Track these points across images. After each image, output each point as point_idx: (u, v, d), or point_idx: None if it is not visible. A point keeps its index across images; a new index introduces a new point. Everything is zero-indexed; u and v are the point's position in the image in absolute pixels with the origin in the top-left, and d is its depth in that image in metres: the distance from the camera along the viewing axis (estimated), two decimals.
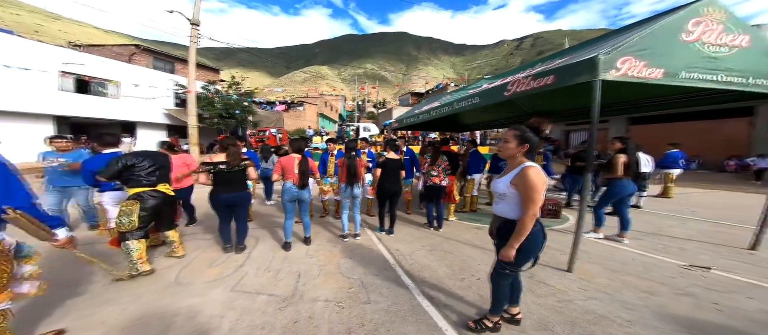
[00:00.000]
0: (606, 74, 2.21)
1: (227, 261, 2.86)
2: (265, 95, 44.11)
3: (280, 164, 3.10)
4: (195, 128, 9.23)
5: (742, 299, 2.07)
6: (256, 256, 3.01)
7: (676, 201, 5.99)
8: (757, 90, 2.61)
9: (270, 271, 2.65)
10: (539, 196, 1.42)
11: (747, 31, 2.52)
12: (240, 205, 3.01)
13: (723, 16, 2.46)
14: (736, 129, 10.80)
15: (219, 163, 2.83)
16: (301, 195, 3.10)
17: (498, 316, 1.71)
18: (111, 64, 13.77)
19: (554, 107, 5.25)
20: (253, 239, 3.47)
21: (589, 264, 2.68)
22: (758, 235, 3.06)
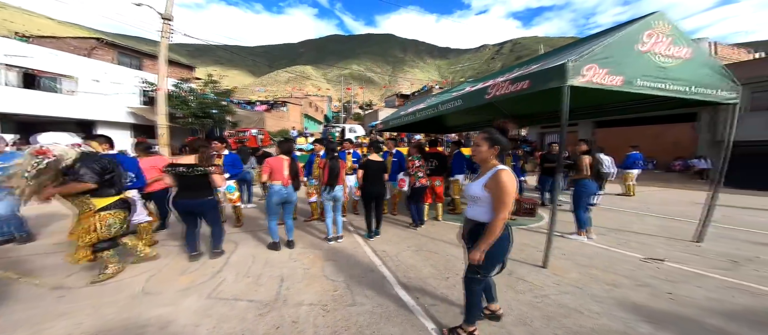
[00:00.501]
0: (573, 80, 2.38)
1: (202, 268, 2.71)
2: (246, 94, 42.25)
3: (268, 166, 3.02)
4: (165, 128, 8.61)
5: (691, 287, 2.29)
6: (235, 261, 2.88)
7: (637, 199, 6.56)
8: (697, 98, 2.95)
9: (250, 276, 2.55)
10: (511, 199, 1.43)
11: (689, 44, 2.83)
12: (204, 212, 2.82)
13: (670, 30, 2.74)
14: (682, 133, 12.12)
15: (178, 165, 2.65)
16: (290, 197, 3.06)
17: (473, 326, 1.66)
18: (66, 58, 12.51)
19: (531, 111, 5.56)
20: (232, 244, 3.33)
21: (562, 260, 2.85)
22: (702, 229, 3.43)
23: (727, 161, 3.32)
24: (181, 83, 14.02)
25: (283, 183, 2.98)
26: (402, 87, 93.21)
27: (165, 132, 8.59)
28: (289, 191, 3.05)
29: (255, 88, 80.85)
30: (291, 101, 30.18)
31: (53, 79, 12.13)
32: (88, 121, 12.99)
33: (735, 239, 3.61)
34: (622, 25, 2.94)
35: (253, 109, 26.33)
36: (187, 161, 2.70)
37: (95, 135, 2.95)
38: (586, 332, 1.72)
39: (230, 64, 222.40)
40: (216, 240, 2.96)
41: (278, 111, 27.65)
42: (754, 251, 3.17)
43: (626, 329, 1.74)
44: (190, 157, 2.74)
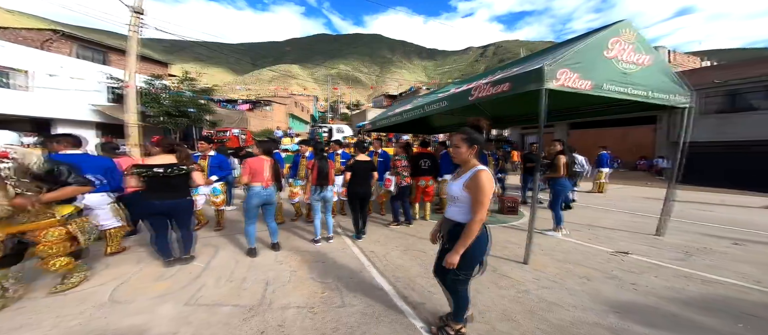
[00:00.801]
0: (549, 84, 2.50)
1: (179, 274, 2.58)
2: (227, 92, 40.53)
3: (248, 167, 2.92)
4: (136, 128, 8.00)
5: (652, 278, 2.50)
6: (217, 265, 2.77)
7: (606, 196, 7.05)
8: (656, 102, 3.19)
9: (233, 281, 2.46)
10: (488, 200, 1.43)
11: (649, 52, 3.06)
12: (179, 213, 2.70)
13: (634, 37, 2.94)
14: (644, 135, 13.21)
15: (154, 166, 2.52)
16: (270, 198, 2.98)
17: (461, 324, 1.69)
18: (15, 50, 11.26)
19: (512, 112, 5.79)
20: (212, 248, 3.20)
21: (542, 256, 2.99)
22: (661, 222, 3.76)
23: (682, 160, 3.66)
24: (152, 80, 13.12)
25: (264, 185, 2.90)
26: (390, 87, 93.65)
27: (135, 132, 7.98)
28: (270, 193, 2.97)
29: (236, 86, 77.54)
30: (276, 101, 29.26)
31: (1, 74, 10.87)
32: (44, 119, 11.80)
33: (689, 231, 3.97)
34: (592, 32, 3.09)
35: (234, 108, 25.25)
36: (164, 160, 2.57)
37: (57, 135, 2.72)
38: (564, 325, 1.83)
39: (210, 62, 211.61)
40: (186, 245, 2.82)
41: (262, 110, 26.72)
42: (704, 242, 3.51)
43: (598, 320, 1.87)
44: (166, 156, 2.61)
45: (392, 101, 36.99)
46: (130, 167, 2.53)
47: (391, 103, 32.41)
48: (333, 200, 3.48)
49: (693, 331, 1.74)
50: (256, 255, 2.96)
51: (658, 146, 12.56)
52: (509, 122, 6.72)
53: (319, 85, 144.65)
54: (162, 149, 2.66)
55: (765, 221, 4.63)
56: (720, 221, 4.61)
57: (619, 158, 13.55)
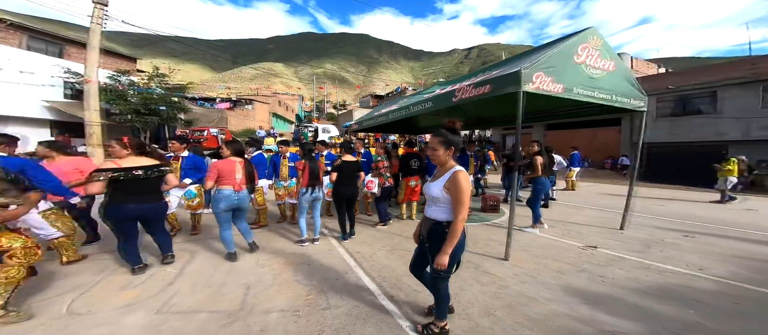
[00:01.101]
0: (526, 86, 2.62)
1: (149, 281, 2.43)
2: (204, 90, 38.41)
3: (215, 169, 2.75)
4: (98, 126, 7.34)
5: (617, 270, 2.70)
6: (192, 271, 2.64)
7: (577, 193, 7.53)
8: (619, 105, 3.45)
9: (211, 286, 2.36)
10: (468, 199, 1.48)
11: (614, 58, 3.30)
12: (154, 218, 2.61)
13: (600, 44, 3.15)
14: (610, 136, 14.25)
15: (132, 168, 2.36)
16: (241, 203, 2.83)
17: (444, 321, 1.72)
18: None
19: (494, 113, 6.02)
20: (188, 254, 3.04)
21: (521, 252, 3.14)
22: (624, 218, 4.08)
23: (640, 159, 4.00)
24: (117, 75, 12.08)
25: (235, 188, 2.73)
26: (377, 88, 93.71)
27: (97, 131, 7.30)
28: (241, 197, 2.80)
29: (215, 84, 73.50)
30: (258, 99, 28.17)
31: None
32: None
33: (647, 225, 4.33)
34: (564, 38, 3.28)
35: (212, 106, 23.95)
36: (140, 162, 2.43)
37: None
38: (540, 318, 1.92)
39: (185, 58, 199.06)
40: (166, 247, 2.72)
41: (243, 109, 25.59)
42: (660, 235, 3.85)
43: (570, 312, 1.99)
44: (140, 158, 2.46)
45: (379, 101, 36.99)
46: (100, 171, 2.30)
47: (377, 103, 32.42)
48: (321, 201, 3.44)
49: (651, 319, 1.90)
50: (236, 260, 2.85)
51: (622, 146, 13.68)
52: (491, 122, 6.97)
53: (305, 84, 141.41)
54: (133, 150, 2.49)
55: (709, 215, 5.16)
56: (673, 215, 5.09)
57: (589, 157, 14.59)
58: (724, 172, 6.35)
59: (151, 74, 13.11)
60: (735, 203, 6.41)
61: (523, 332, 1.76)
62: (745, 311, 1.99)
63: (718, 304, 2.08)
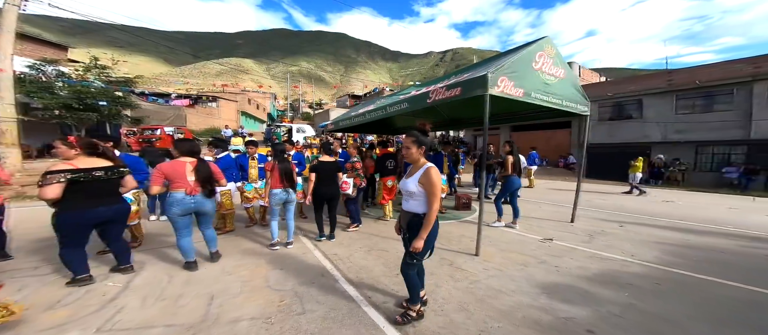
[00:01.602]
0: (492, 90, 2.79)
1: (85, 298, 2.14)
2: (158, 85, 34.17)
3: (160, 172, 2.46)
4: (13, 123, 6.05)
5: (568, 260, 3.00)
6: (141, 285, 2.37)
7: (536, 190, 8.27)
8: (568, 109, 3.84)
9: (165, 299, 2.15)
10: (440, 192, 1.68)
11: (564, 66, 3.64)
12: (117, 221, 2.46)
13: (554, 53, 3.46)
14: (563, 137, 15.88)
15: (92, 169, 2.18)
16: (199, 207, 2.56)
17: (418, 304, 1.88)
18: None
19: (466, 115, 6.31)
20: (136, 264, 2.71)
21: (490, 247, 3.33)
22: (573, 212, 4.56)
23: (584, 158, 4.54)
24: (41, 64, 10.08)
25: (187, 191, 2.48)
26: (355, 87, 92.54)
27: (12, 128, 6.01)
28: (198, 200, 2.54)
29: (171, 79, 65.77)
30: (224, 96, 25.82)
31: None
32: None
33: (592, 218, 4.91)
34: (524, 45, 3.54)
35: (167, 103, 21.35)
36: (97, 163, 2.23)
37: None
38: (507, 309, 2.07)
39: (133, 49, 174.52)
40: (123, 257, 2.49)
41: (206, 107, 23.24)
42: (601, 226, 4.38)
43: (532, 302, 2.17)
44: (92, 159, 2.25)
45: (357, 101, 36.54)
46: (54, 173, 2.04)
47: (355, 103, 32.00)
48: (294, 203, 3.31)
49: (596, 302, 2.16)
50: (195, 269, 2.61)
51: (572, 146, 15.48)
52: (464, 123, 7.30)
53: (278, 82, 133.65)
54: (83, 151, 2.26)
55: (637, 207, 6.00)
56: (611, 208, 5.84)
57: (546, 157, 16.23)
58: (633, 168, 7.61)
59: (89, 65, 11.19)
60: (650, 196, 7.58)
61: (492, 324, 1.87)
62: (665, 290, 2.35)
63: (645, 286, 2.42)
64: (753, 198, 7.40)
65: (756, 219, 4.97)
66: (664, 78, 12.71)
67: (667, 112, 12.49)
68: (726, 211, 5.70)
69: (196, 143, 2.75)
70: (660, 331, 1.81)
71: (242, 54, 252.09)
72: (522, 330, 1.81)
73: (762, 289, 2.37)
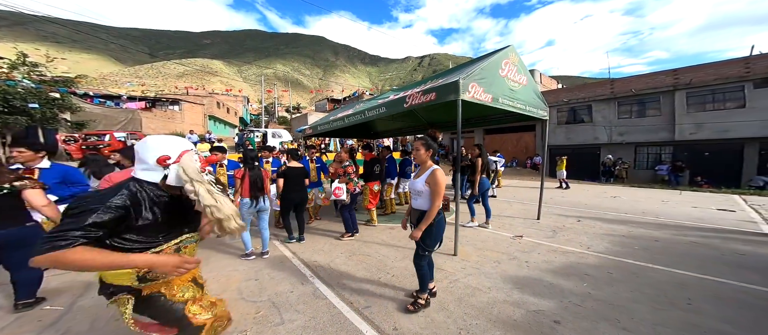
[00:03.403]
0: (464, 95, 2.92)
1: (17, 324, 1.92)
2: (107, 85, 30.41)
3: (108, 183, 2.20)
4: None
5: (536, 255, 3.23)
6: (90, 305, 2.13)
7: (506, 189, 8.81)
8: (531, 114, 4.11)
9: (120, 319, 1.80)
10: (443, 191, 1.91)
11: (526, 73, 3.91)
12: (9, 247, 1.95)
13: (517, 61, 3.71)
14: (529, 139, 17.15)
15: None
16: None
17: (426, 293, 2.10)
18: None
19: (443, 118, 6.53)
20: (80, 285, 2.44)
21: (467, 246, 3.47)
22: (539, 209, 4.93)
23: (547, 159, 4.97)
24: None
25: None
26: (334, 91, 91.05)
27: None
28: None
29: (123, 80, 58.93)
30: (188, 100, 23.71)
31: None
32: None
33: (554, 214, 5.34)
34: (492, 53, 3.74)
35: (118, 105, 19.05)
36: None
37: None
38: (483, 306, 2.17)
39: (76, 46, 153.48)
40: (27, 288, 2.06)
41: (166, 110, 21.12)
42: (562, 221, 4.78)
43: (506, 298, 2.31)
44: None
45: (336, 104, 35.93)
46: None
47: (334, 107, 31.48)
48: (268, 211, 3.17)
49: (560, 294, 2.36)
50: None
51: (537, 148, 16.91)
52: (442, 127, 7.58)
53: (251, 85, 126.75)
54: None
55: (590, 202, 6.66)
56: (569, 204, 6.40)
57: (516, 157, 17.49)
58: (559, 167, 9.22)
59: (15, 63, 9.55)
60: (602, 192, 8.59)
61: (470, 322, 1.95)
62: (616, 278, 2.64)
63: (600, 275, 2.69)
64: (680, 192, 8.66)
65: (683, 210, 5.77)
66: (607, 86, 14.38)
67: (611, 116, 14.18)
68: (659, 204, 6.55)
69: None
70: (612, 316, 2.03)
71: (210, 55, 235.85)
72: (497, 326, 1.91)
73: (687, 272, 2.76)
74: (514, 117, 4.94)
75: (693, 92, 11.90)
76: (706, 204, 6.42)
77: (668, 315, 2.05)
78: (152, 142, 1.11)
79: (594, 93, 14.75)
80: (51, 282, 2.44)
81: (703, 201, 6.84)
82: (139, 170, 1.10)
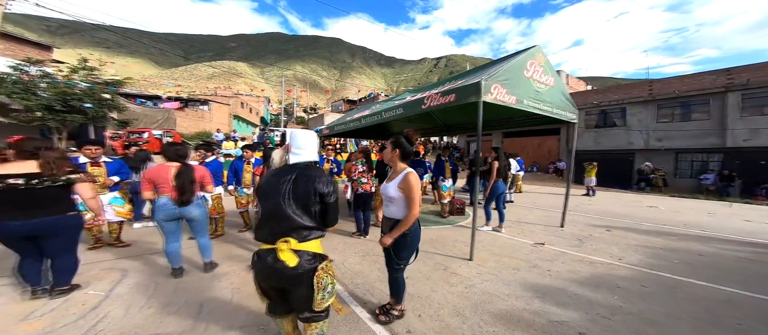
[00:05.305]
0: (486, 97, 2.83)
1: (63, 307, 2.05)
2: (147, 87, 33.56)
3: (148, 178, 2.40)
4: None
5: (559, 264, 3.06)
6: (125, 292, 2.29)
7: (527, 195, 8.45)
8: (558, 117, 3.91)
9: (152, 307, 2.07)
10: (418, 196, 1.67)
11: (553, 74, 3.72)
12: (51, 236, 2.08)
13: (544, 61, 3.54)
14: (553, 143, 16.28)
15: (5, 176, 1.89)
16: (183, 213, 2.45)
17: (401, 305, 1.95)
18: None
19: (460, 120, 6.42)
20: (118, 272, 2.64)
21: (483, 251, 3.36)
22: (563, 217, 4.67)
23: (573, 164, 4.68)
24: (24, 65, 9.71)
25: (172, 196, 2.41)
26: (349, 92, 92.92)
27: None
28: (182, 207, 2.43)
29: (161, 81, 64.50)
30: (216, 100, 25.42)
31: None
32: None
33: (580, 222, 5.03)
34: (516, 53, 3.60)
35: (156, 106, 20.88)
36: (23, 168, 1.94)
37: None
38: (501, 313, 2.09)
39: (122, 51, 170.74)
40: (63, 276, 2.17)
41: (197, 110, 22.81)
42: (590, 231, 4.49)
43: (526, 306, 2.20)
44: (28, 163, 1.97)
45: (352, 105, 36.55)
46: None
47: (349, 108, 32.04)
48: None
49: (587, 306, 2.21)
50: (181, 276, 2.53)
51: (561, 152, 15.95)
52: (457, 129, 7.44)
53: (272, 86, 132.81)
54: (18, 154, 2.01)
55: (623, 211, 6.21)
56: (598, 213, 6.01)
57: (537, 162, 16.63)
58: (588, 173, 8.78)
59: (76, 66, 10.83)
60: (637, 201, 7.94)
61: (487, 329, 1.89)
62: (650, 292, 2.43)
63: (632, 288, 2.49)
64: (730, 204, 7.78)
65: (733, 224, 5.20)
66: (645, 88, 13.29)
67: (648, 120, 13.05)
68: (705, 216, 5.95)
69: (182, 147, 2.61)
70: (646, 332, 1.86)
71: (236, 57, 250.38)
72: (516, 334, 1.83)
73: (736, 289, 2.48)
74: (536, 120, 4.72)
75: (749, 94, 10.67)
76: (761, 218, 5.77)
77: (713, 334, 1.85)
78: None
79: (629, 95, 13.70)
80: (92, 268, 2.68)
81: (758, 215, 6.13)
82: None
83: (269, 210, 1.29)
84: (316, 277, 1.25)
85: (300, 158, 1.38)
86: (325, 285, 1.28)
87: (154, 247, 3.31)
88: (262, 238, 1.30)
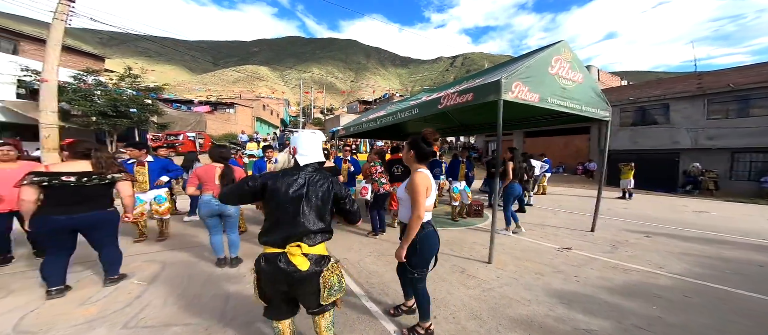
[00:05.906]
0: (506, 95, 2.73)
1: (114, 295, 2.28)
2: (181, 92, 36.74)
3: (195, 176, 2.74)
4: (55, 129, 6.66)
5: (589, 270, 2.87)
6: (163, 283, 2.50)
7: (551, 197, 7.97)
8: (587, 115, 3.66)
9: (185, 297, 2.24)
10: (422, 198, 1.54)
11: (582, 70, 3.49)
12: (96, 229, 2.28)
13: (571, 57, 3.33)
14: (581, 143, 15.24)
15: (61, 173, 2.08)
16: (222, 209, 2.74)
17: (428, 321, 1.75)
18: None
19: (477, 120, 6.24)
20: (158, 265, 2.88)
21: (503, 254, 3.25)
22: (594, 220, 4.35)
23: (605, 165, 4.33)
24: (83, 74, 11.16)
25: (214, 193, 2.72)
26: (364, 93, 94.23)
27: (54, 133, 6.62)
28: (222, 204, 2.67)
29: (194, 86, 70.25)
30: (240, 103, 27.20)
31: None
32: None
33: (613, 227, 4.66)
34: (539, 49, 3.43)
35: (189, 109, 22.81)
36: (76, 167, 2.17)
37: None
38: (520, 318, 2.00)
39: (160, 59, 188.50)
40: (111, 266, 2.44)
41: (223, 113, 24.57)
42: (624, 236, 4.14)
43: (548, 312, 2.09)
44: (79, 162, 2.21)
45: (367, 106, 37.01)
46: (27, 175, 2.02)
47: (364, 108, 32.49)
48: None
49: (619, 315, 2.04)
50: (223, 266, 2.80)
51: (591, 152, 14.78)
52: (475, 129, 7.23)
53: (291, 88, 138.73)
54: (72, 154, 2.23)
55: (664, 216, 5.64)
56: (635, 217, 5.51)
57: (563, 163, 15.57)
58: (625, 175, 8.00)
59: (123, 75, 12.25)
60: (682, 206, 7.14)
61: (505, 333, 1.82)
62: (694, 303, 2.20)
63: (674, 298, 2.27)
64: None
65: None
66: (693, 81, 11.97)
67: (697, 116, 11.70)
68: (766, 223, 5.20)
69: (226, 150, 2.97)
70: None
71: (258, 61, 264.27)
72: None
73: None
74: (562, 119, 4.45)
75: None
76: None
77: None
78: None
79: (673, 89, 12.42)
80: (136, 260, 2.96)
81: None
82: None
83: (282, 215, 1.29)
84: (321, 278, 1.28)
85: (308, 160, 1.42)
86: (332, 284, 1.30)
87: (191, 241, 3.60)
88: (271, 242, 1.29)
